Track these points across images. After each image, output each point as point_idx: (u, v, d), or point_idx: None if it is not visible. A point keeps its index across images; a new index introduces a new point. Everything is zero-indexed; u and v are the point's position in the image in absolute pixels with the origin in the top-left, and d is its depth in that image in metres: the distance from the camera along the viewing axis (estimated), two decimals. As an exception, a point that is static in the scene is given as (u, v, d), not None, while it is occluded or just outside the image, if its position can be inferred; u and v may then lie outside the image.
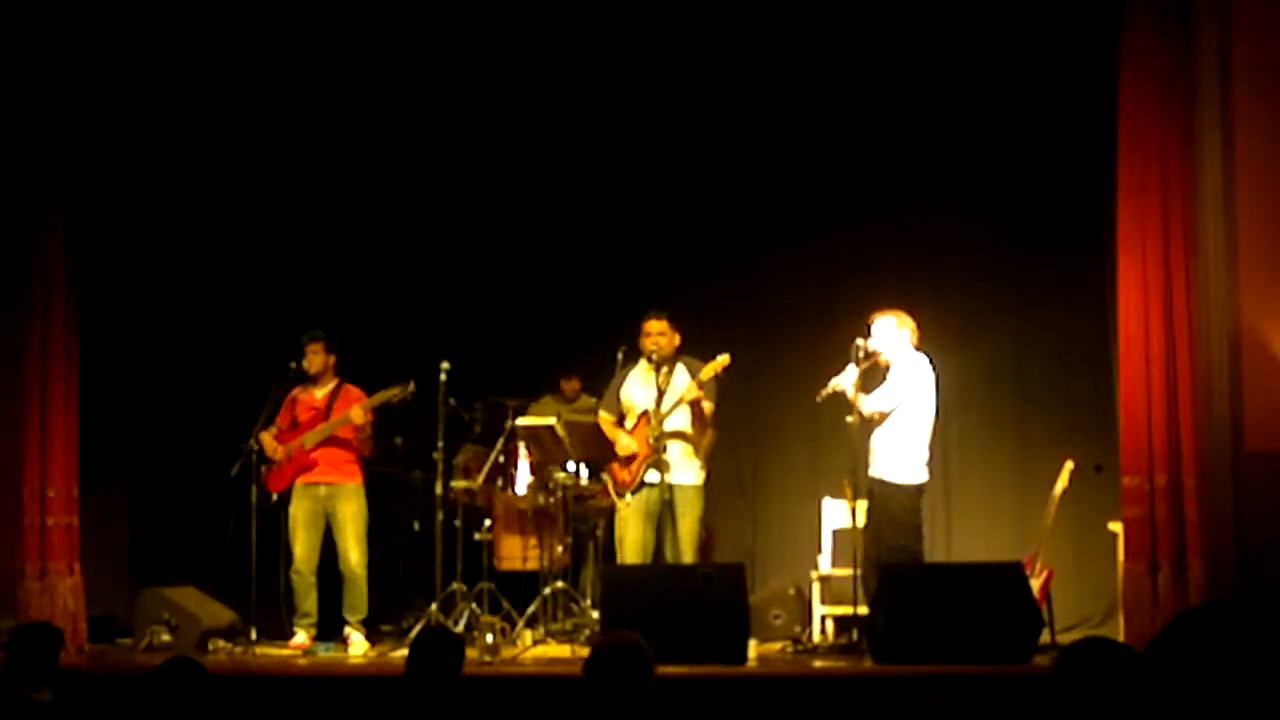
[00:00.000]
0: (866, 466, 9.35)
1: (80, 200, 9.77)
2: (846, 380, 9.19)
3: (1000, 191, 10.84)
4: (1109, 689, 4.02)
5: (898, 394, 9.25)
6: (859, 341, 9.22)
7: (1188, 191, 8.91)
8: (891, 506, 9.21)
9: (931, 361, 9.36)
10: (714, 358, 9.33)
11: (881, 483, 9.27)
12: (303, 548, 9.82)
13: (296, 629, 9.78)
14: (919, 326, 9.41)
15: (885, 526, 9.22)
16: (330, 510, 9.84)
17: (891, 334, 9.31)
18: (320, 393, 9.99)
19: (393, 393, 9.68)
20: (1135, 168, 9.08)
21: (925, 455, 9.30)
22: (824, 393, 9.30)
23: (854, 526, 9.37)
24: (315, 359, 9.92)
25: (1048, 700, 4.11)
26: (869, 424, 9.30)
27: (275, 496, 9.88)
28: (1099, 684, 4.03)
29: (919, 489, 9.29)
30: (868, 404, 9.20)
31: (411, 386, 9.65)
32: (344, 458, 9.89)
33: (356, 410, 9.72)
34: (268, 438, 9.86)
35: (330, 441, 9.85)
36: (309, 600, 9.81)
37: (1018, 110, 10.68)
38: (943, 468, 9.97)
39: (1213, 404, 8.72)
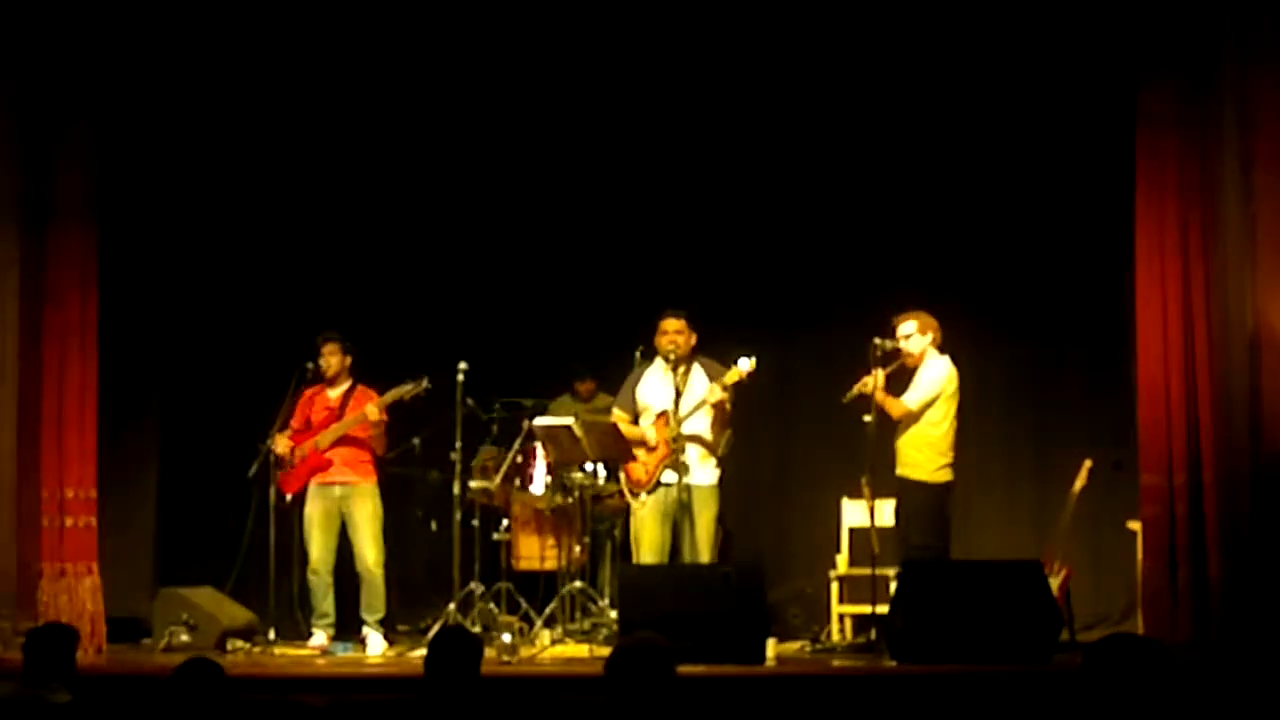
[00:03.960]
0: (893, 467, 9.36)
1: (98, 204, 9.78)
2: (873, 382, 9.20)
3: (1022, 190, 10.81)
4: (1138, 684, 4.01)
5: (928, 392, 9.27)
6: (876, 340, 9.23)
7: (1206, 191, 8.91)
8: (917, 506, 9.23)
9: (955, 362, 9.38)
10: (734, 358, 9.32)
11: (907, 482, 9.28)
12: (319, 548, 9.82)
13: (315, 629, 9.78)
14: (941, 327, 9.42)
15: (911, 526, 9.24)
16: (346, 510, 9.84)
17: (916, 336, 9.33)
18: (334, 393, 9.99)
19: (405, 389, 9.68)
20: (1154, 167, 9.08)
21: (951, 456, 9.30)
22: (850, 394, 9.31)
23: (871, 526, 9.36)
24: (331, 360, 9.92)
25: (1076, 697, 4.10)
26: (899, 424, 9.31)
27: (290, 497, 9.89)
28: (1128, 680, 4.02)
29: (946, 488, 9.29)
30: (908, 400, 9.23)
31: (425, 382, 9.66)
32: (359, 457, 9.89)
33: (371, 408, 9.72)
34: (282, 439, 9.85)
35: (344, 441, 9.85)
36: (326, 601, 9.81)
37: (1040, 103, 10.64)
38: (961, 466, 9.95)
39: (1231, 403, 8.71)
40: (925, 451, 9.27)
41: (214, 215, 11.25)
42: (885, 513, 9.60)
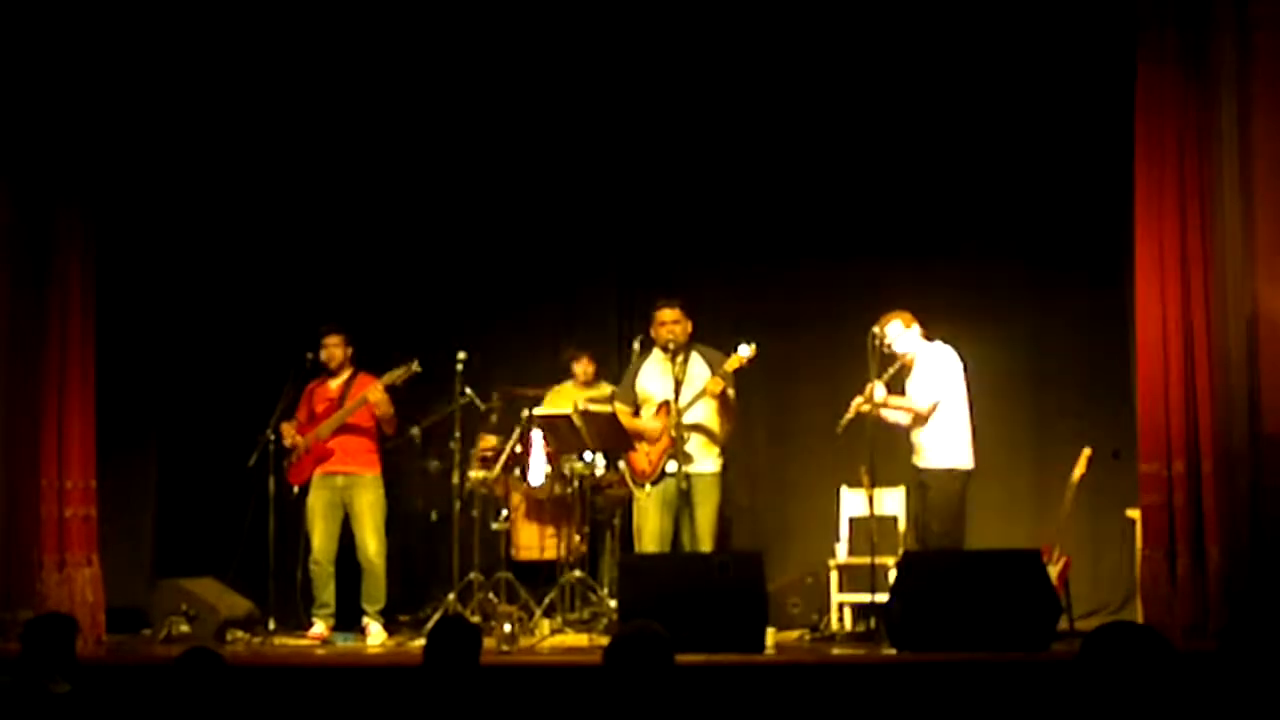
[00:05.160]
0: (897, 456, 9.37)
1: (98, 192, 9.79)
2: (879, 394, 9.20)
3: (1017, 179, 10.82)
4: (1134, 673, 4.01)
5: (936, 381, 9.27)
6: (874, 330, 9.23)
7: (1205, 177, 8.89)
8: (941, 495, 9.25)
9: (957, 350, 9.41)
10: (733, 345, 9.31)
11: (931, 472, 9.29)
12: (321, 538, 9.83)
13: (315, 619, 9.78)
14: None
15: (932, 515, 9.25)
16: (348, 500, 9.85)
17: (903, 334, 9.35)
18: (335, 383, 10.01)
19: (397, 374, 9.68)
20: (1153, 153, 9.06)
21: (969, 441, 9.32)
22: (844, 421, 9.33)
23: (871, 514, 9.37)
24: (335, 352, 9.94)
25: (1073, 684, 4.10)
26: (914, 422, 9.33)
27: (296, 489, 9.90)
28: (1124, 668, 4.03)
29: (967, 474, 9.32)
30: (919, 399, 9.23)
31: (415, 365, 9.65)
32: (362, 447, 9.91)
33: (374, 389, 9.71)
34: (289, 429, 9.88)
35: (346, 430, 9.86)
36: (327, 591, 9.82)
37: (1037, 98, 10.64)
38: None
39: (1230, 390, 8.70)
40: (947, 438, 9.28)
41: (211, 205, 11.24)
42: (884, 502, 9.61)
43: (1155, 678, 4.02)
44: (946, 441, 9.31)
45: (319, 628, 9.75)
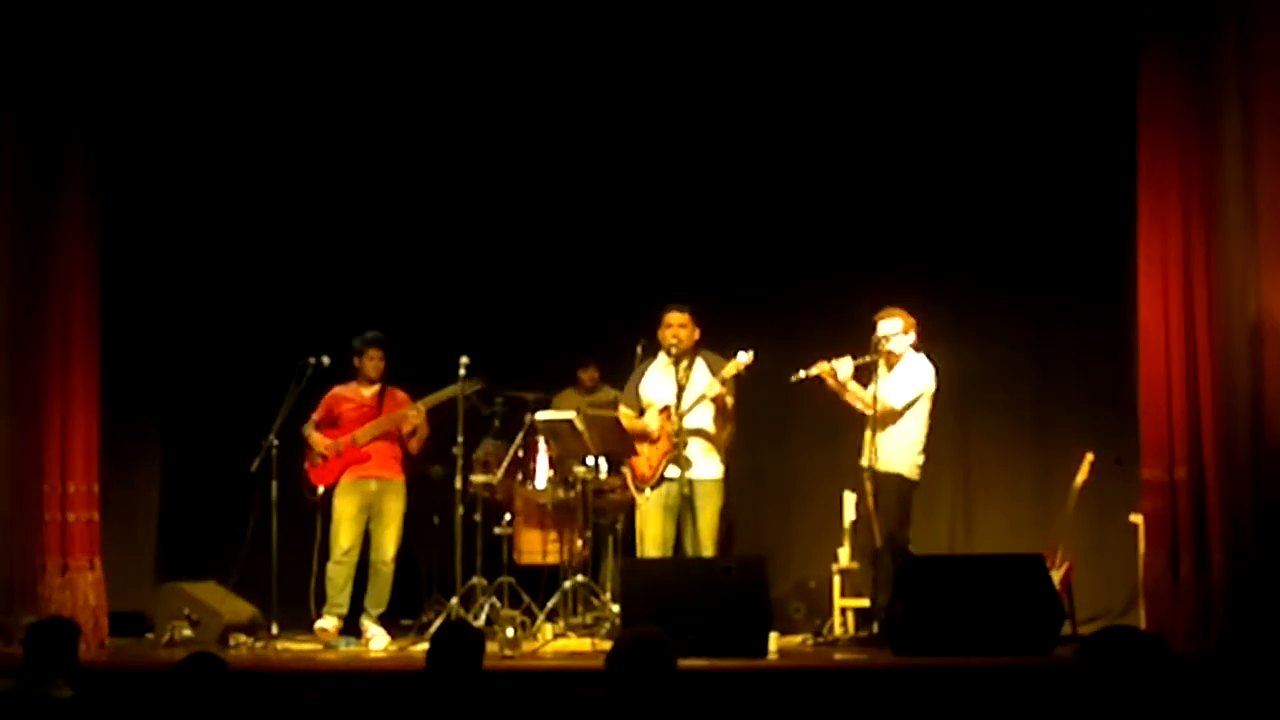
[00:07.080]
0: (860, 456, 9.34)
1: (103, 193, 9.79)
2: (844, 370, 9.20)
3: (1020, 183, 10.82)
4: (1133, 678, 4.01)
5: (914, 392, 9.25)
6: (875, 337, 9.23)
7: (1208, 182, 8.88)
8: (898, 499, 9.20)
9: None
10: (734, 352, 9.32)
11: (889, 476, 9.23)
12: (349, 539, 9.89)
13: (325, 615, 9.77)
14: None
15: (892, 519, 9.20)
16: (377, 504, 9.95)
17: (899, 333, 9.31)
18: (368, 391, 10.09)
19: (456, 389, 9.74)
20: (1155, 158, 9.06)
21: (921, 456, 9.29)
22: (800, 376, 9.30)
23: (873, 519, 9.36)
24: (381, 365, 10.08)
25: (1071, 690, 4.10)
26: (879, 420, 9.29)
27: (321, 490, 9.93)
28: (1123, 673, 4.02)
29: (913, 485, 9.29)
30: (893, 399, 9.20)
31: (479, 385, 9.73)
32: (394, 454, 10.07)
33: (416, 415, 9.93)
34: (319, 435, 9.92)
35: (381, 436, 9.98)
36: (345, 592, 9.85)
37: (1038, 105, 10.65)
38: (963, 460, 9.97)
39: (1233, 395, 8.69)
40: (904, 447, 9.23)
41: (215, 211, 11.26)
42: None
43: (1154, 683, 4.02)
44: (903, 450, 9.25)
45: (330, 622, 9.74)
